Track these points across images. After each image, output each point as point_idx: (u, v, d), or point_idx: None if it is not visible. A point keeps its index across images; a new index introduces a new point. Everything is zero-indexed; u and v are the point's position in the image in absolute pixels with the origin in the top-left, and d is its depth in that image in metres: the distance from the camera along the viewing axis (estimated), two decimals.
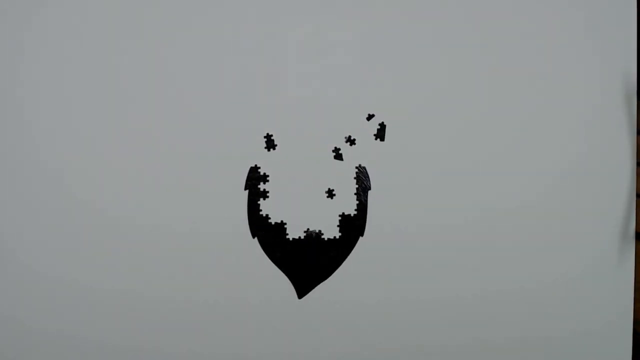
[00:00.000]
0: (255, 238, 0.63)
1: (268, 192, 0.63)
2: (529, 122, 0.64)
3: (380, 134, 0.63)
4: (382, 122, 0.63)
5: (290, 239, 0.64)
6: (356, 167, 0.63)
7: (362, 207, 0.64)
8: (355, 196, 0.63)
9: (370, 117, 0.64)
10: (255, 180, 0.63)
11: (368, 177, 0.63)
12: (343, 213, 0.63)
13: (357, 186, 0.63)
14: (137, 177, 0.62)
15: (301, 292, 0.64)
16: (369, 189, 0.64)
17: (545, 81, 0.64)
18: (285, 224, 0.64)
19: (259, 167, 0.63)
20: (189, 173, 0.62)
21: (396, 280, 0.64)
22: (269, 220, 0.63)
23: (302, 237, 0.64)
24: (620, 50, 0.64)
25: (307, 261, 0.64)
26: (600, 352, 0.65)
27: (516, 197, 0.64)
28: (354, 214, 0.63)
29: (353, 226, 0.64)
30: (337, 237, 0.64)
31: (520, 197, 0.64)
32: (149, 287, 0.63)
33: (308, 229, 0.64)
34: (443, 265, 0.64)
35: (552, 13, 0.64)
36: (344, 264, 0.64)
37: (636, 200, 0.64)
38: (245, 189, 0.63)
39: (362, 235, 0.64)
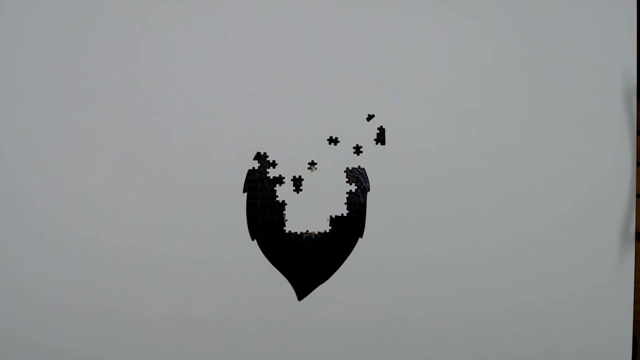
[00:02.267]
0: (255, 240, 0.63)
1: (267, 194, 0.63)
2: (529, 122, 0.64)
3: (381, 138, 0.63)
4: (381, 126, 0.63)
5: (290, 241, 0.64)
6: (355, 169, 0.63)
7: (361, 208, 0.63)
8: (354, 197, 0.63)
9: (370, 117, 0.63)
10: (253, 182, 0.63)
11: (367, 178, 0.63)
12: (342, 215, 0.63)
13: (356, 187, 0.63)
14: (134, 178, 0.62)
15: (301, 293, 0.64)
16: (368, 190, 0.63)
17: (546, 81, 0.64)
18: (285, 226, 0.64)
19: (258, 170, 0.63)
20: (186, 176, 0.62)
21: (395, 282, 0.64)
22: (268, 223, 0.63)
23: (302, 239, 0.64)
24: (620, 51, 0.64)
25: (306, 263, 0.64)
26: (600, 353, 0.65)
27: (516, 197, 0.64)
28: (353, 216, 0.63)
29: (352, 228, 0.63)
30: (337, 238, 0.63)
31: (521, 197, 0.64)
32: (148, 288, 0.63)
33: (307, 231, 0.64)
34: (441, 265, 0.64)
35: (552, 13, 0.64)
36: (343, 265, 0.64)
37: (636, 200, 0.64)
38: (244, 191, 0.63)
39: (361, 236, 0.64)
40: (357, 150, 0.63)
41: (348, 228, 0.63)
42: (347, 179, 0.63)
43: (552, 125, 0.64)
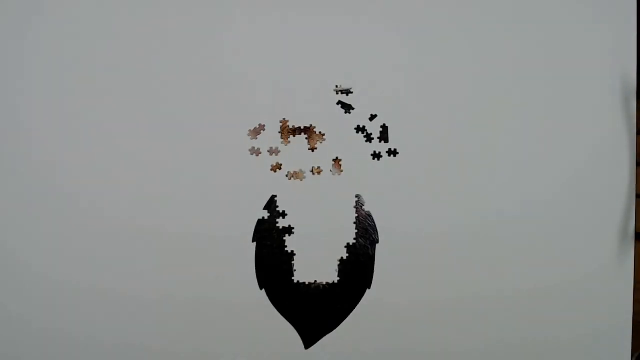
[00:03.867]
0: (263, 289, 0.64)
1: (276, 244, 0.63)
2: (529, 122, 0.63)
3: (384, 136, 0.64)
4: (384, 124, 0.64)
5: (298, 291, 0.64)
6: (364, 219, 0.63)
7: (369, 260, 0.64)
8: (363, 249, 0.64)
9: (372, 117, 0.64)
10: (263, 232, 0.63)
11: (376, 229, 0.64)
12: (350, 265, 0.64)
13: (364, 239, 0.64)
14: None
15: (308, 342, 0.64)
16: (377, 242, 0.64)
17: (545, 81, 0.63)
18: (293, 276, 0.64)
19: (267, 220, 0.63)
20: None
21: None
22: (276, 272, 0.64)
23: (310, 289, 0.64)
24: (619, 50, 0.63)
25: (314, 312, 0.64)
26: (600, 352, 0.65)
27: (517, 197, 0.64)
28: (362, 267, 0.64)
29: (360, 279, 0.64)
30: (344, 289, 0.64)
31: (521, 197, 0.64)
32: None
33: (315, 281, 0.64)
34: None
35: (552, 13, 0.63)
36: (351, 315, 0.64)
37: (636, 200, 0.64)
38: (253, 241, 0.63)
39: (369, 287, 0.64)
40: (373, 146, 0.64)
41: (356, 279, 0.64)
42: (356, 230, 0.63)
43: (551, 125, 0.64)
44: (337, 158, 0.63)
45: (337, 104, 0.63)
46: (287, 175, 0.63)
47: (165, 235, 0.63)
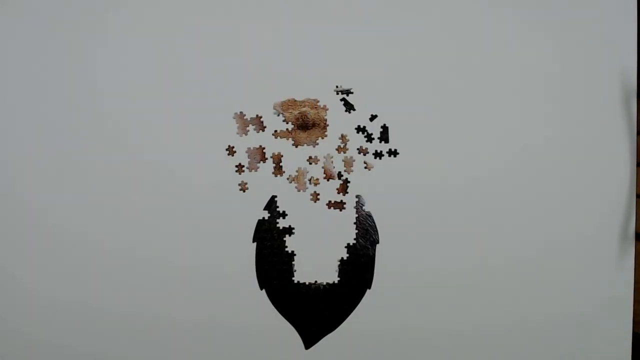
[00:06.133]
0: (263, 290, 0.64)
1: (276, 244, 0.63)
2: (529, 122, 0.64)
3: (384, 136, 0.64)
4: (384, 124, 0.64)
5: (298, 291, 0.64)
6: (364, 220, 0.63)
7: (369, 260, 0.64)
8: (362, 249, 0.64)
9: (373, 117, 0.64)
10: (263, 232, 0.63)
11: (376, 230, 0.64)
12: (350, 265, 0.64)
13: (365, 239, 0.64)
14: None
15: (308, 342, 0.64)
16: (377, 242, 0.64)
17: (545, 81, 0.63)
18: (293, 276, 0.64)
19: (267, 220, 0.63)
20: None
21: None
22: (277, 272, 0.64)
23: (310, 289, 0.64)
24: (619, 51, 0.63)
25: (314, 312, 0.64)
26: (600, 353, 0.65)
27: (516, 196, 0.64)
28: (362, 268, 0.64)
29: (360, 279, 0.64)
30: (345, 289, 0.64)
31: (521, 196, 0.64)
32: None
33: (316, 282, 0.64)
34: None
35: (552, 13, 0.63)
36: (351, 315, 0.64)
37: (636, 201, 0.65)
38: (253, 241, 0.63)
39: (369, 288, 0.64)
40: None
41: (356, 279, 0.64)
42: (356, 231, 0.64)
43: (551, 125, 0.64)
44: (332, 161, 0.64)
45: (341, 100, 0.63)
46: (287, 179, 0.63)
47: (165, 236, 0.63)
